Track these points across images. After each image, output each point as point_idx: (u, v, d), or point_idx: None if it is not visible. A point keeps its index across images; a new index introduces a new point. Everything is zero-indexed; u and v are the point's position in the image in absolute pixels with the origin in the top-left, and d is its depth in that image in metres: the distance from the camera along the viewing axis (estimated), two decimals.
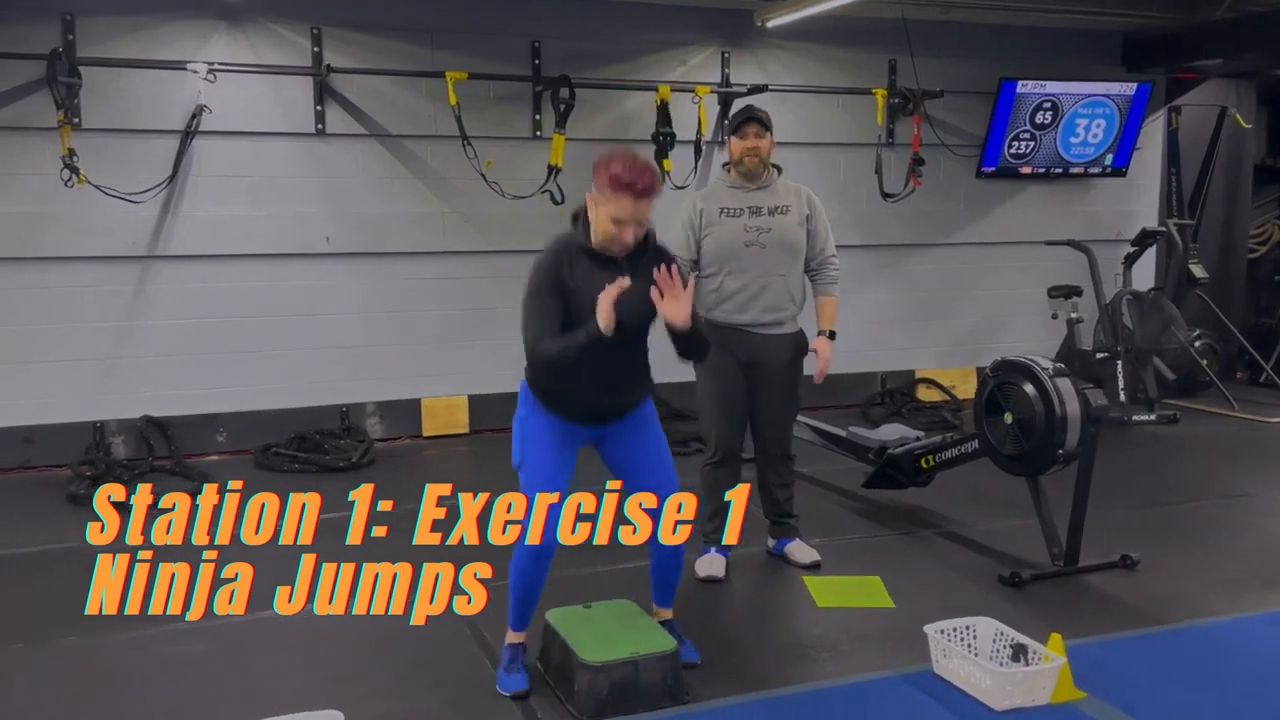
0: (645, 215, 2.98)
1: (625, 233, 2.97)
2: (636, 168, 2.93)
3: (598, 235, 3.02)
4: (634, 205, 2.93)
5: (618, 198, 2.92)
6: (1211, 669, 3.38)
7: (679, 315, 2.96)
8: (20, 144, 5.53)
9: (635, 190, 2.91)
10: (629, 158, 2.96)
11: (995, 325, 7.88)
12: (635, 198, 2.92)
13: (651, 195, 2.95)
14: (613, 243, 3.00)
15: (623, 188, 2.91)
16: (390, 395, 6.47)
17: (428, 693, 3.23)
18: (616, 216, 2.94)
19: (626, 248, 3.02)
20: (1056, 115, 7.51)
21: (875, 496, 5.18)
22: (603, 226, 2.99)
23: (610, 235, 2.98)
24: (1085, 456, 4.08)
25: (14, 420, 5.76)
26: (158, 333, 6.00)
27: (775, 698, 3.17)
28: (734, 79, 6.90)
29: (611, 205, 2.94)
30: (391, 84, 6.20)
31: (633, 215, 2.94)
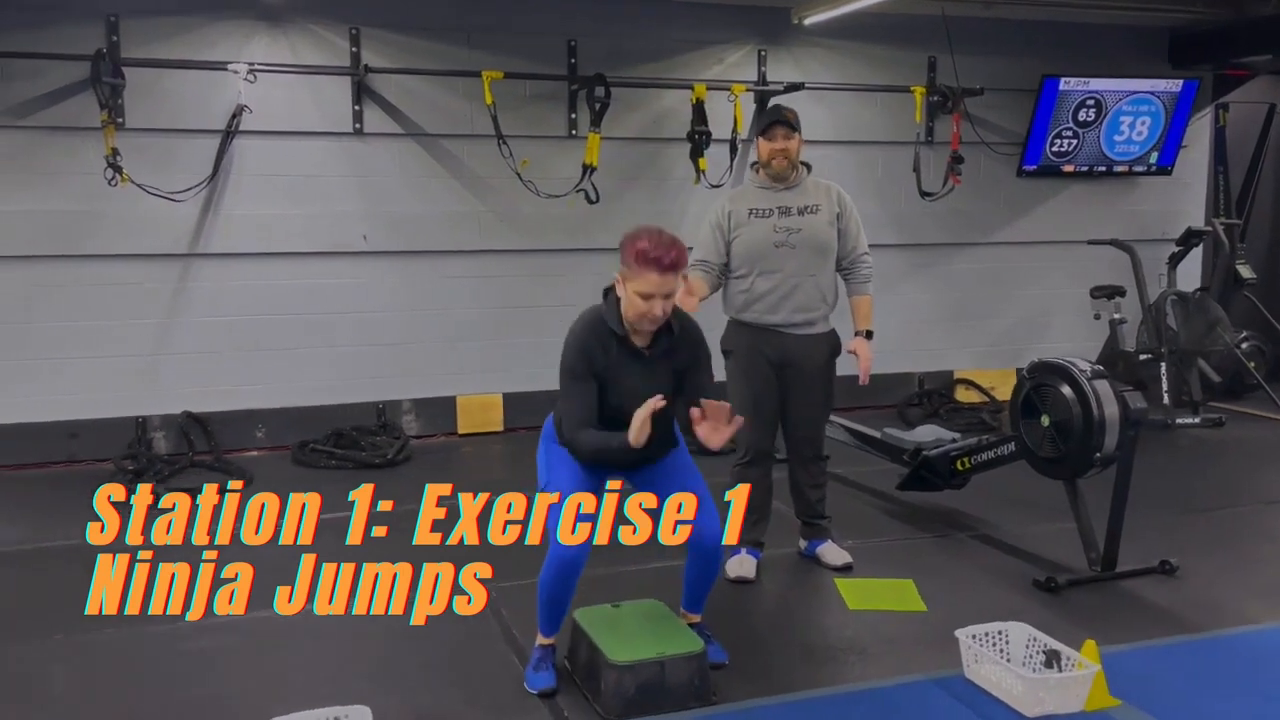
0: (672, 289, 3.03)
1: (654, 307, 3.01)
2: (663, 243, 2.98)
3: (627, 311, 3.07)
4: (660, 279, 2.97)
5: (645, 273, 2.97)
6: (1250, 677, 3.30)
7: (713, 444, 3.01)
8: (66, 144, 5.64)
9: (662, 265, 2.96)
10: (655, 233, 3.01)
11: (1036, 326, 7.78)
12: (661, 272, 2.97)
13: (679, 270, 3.01)
14: (641, 319, 3.05)
15: (649, 263, 2.96)
16: (426, 393, 6.51)
17: (454, 689, 3.25)
18: (643, 291, 2.99)
19: (656, 322, 3.06)
20: (1100, 113, 7.39)
21: (910, 498, 5.14)
22: (631, 302, 3.04)
23: (639, 311, 3.03)
24: (1124, 460, 4.02)
25: (60, 415, 5.86)
26: (199, 329, 6.08)
27: (803, 700, 3.15)
28: (771, 77, 6.86)
29: (640, 281, 2.99)
30: (428, 83, 6.24)
31: (659, 289, 2.99)
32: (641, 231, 3.03)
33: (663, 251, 2.96)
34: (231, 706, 3.14)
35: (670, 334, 3.15)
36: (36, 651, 3.54)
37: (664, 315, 3.04)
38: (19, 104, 5.57)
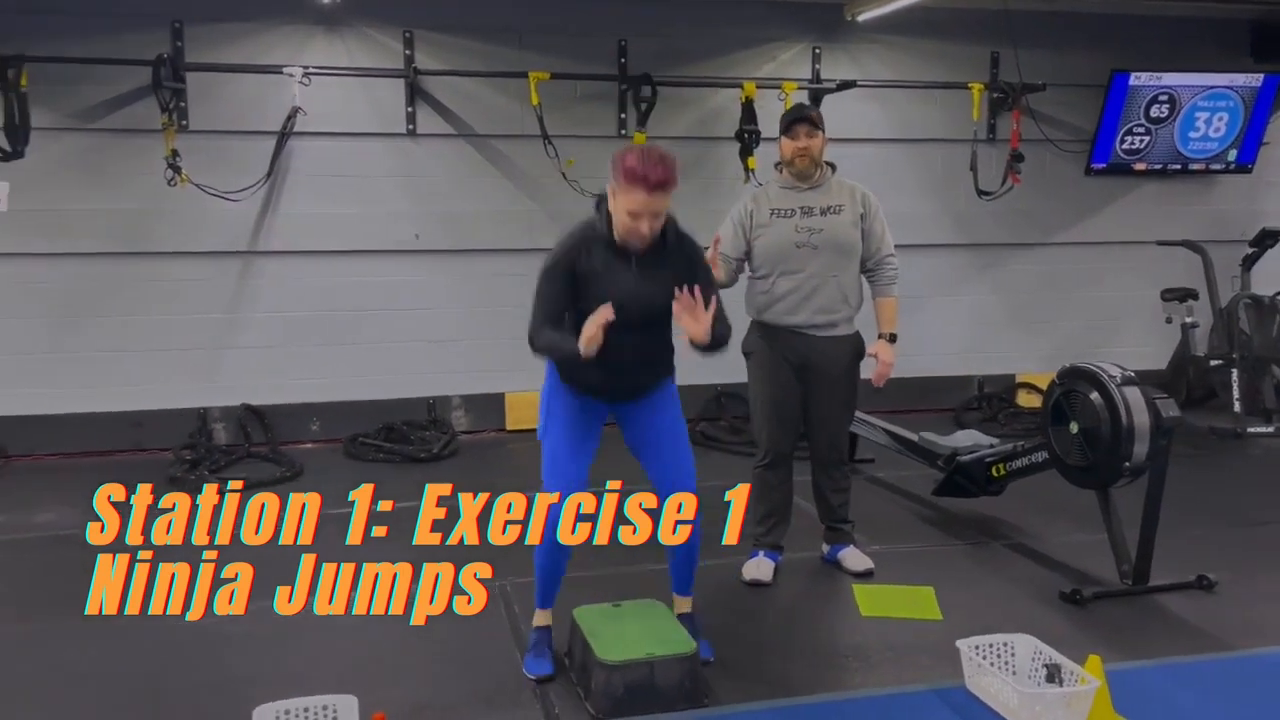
0: (660, 208, 2.99)
1: (641, 225, 2.98)
2: (650, 160, 2.94)
3: (616, 228, 3.05)
4: (648, 198, 2.94)
5: (632, 190, 2.94)
6: (1272, 700, 3.16)
7: (696, 334, 3.01)
8: (131, 146, 5.88)
9: (649, 183, 2.92)
10: (644, 150, 2.98)
11: (1104, 329, 7.53)
12: (649, 191, 2.93)
13: (666, 189, 2.96)
14: (630, 235, 3.02)
15: (636, 180, 2.92)
16: (475, 389, 6.62)
17: (454, 682, 3.30)
18: (631, 209, 2.96)
19: (645, 240, 3.04)
20: (1174, 109, 7.12)
21: (947, 505, 5.03)
22: (619, 219, 3.01)
23: (627, 228, 3.01)
24: (1156, 470, 3.87)
25: (125, 405, 6.13)
26: (257, 325, 6.29)
27: (794, 705, 3.12)
28: (825, 75, 6.78)
29: (626, 198, 2.96)
30: (480, 84, 6.33)
31: (647, 208, 2.96)
32: (632, 148, 3.00)
33: (650, 168, 2.91)
34: (234, 691, 3.23)
35: (665, 243, 3.10)
36: (74, 630, 3.71)
37: (651, 233, 3.01)
38: (88, 107, 5.83)
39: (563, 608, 3.42)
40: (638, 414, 3.27)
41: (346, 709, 2.81)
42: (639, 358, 3.17)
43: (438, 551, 4.48)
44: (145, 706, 3.18)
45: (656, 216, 3.00)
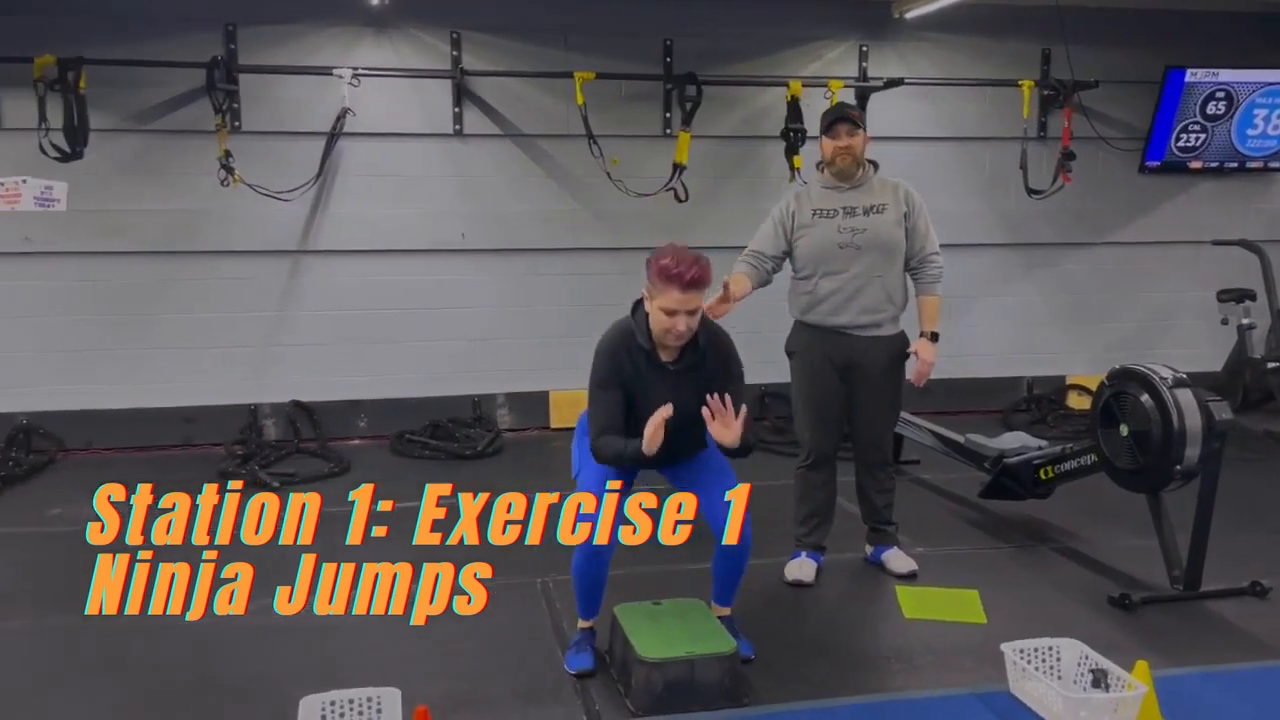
0: (695, 306, 3.08)
1: (678, 323, 3.07)
2: (685, 260, 3.04)
3: (653, 327, 3.14)
4: (683, 296, 3.04)
5: (667, 290, 3.04)
6: None
7: (726, 439, 3.10)
8: (186, 146, 6.00)
9: (683, 281, 3.02)
10: (678, 251, 3.08)
11: (1157, 330, 7.40)
12: (684, 289, 3.03)
13: (701, 286, 3.06)
14: (666, 334, 3.11)
15: (671, 279, 3.02)
16: (519, 387, 6.66)
17: (496, 676, 3.33)
18: (666, 307, 3.06)
19: (681, 338, 3.12)
20: (1231, 105, 6.97)
21: (994, 507, 4.98)
22: (656, 318, 3.11)
23: (663, 326, 3.10)
24: (1208, 474, 3.79)
25: (178, 401, 6.25)
26: (307, 323, 6.38)
27: (834, 706, 3.11)
28: (872, 73, 6.73)
29: (662, 297, 3.06)
30: (526, 85, 6.37)
31: (682, 305, 3.05)
32: (666, 249, 3.10)
33: (684, 268, 3.01)
34: (280, 683, 3.28)
35: (696, 348, 3.20)
36: (122, 621, 3.79)
37: (688, 331, 3.10)
38: (145, 109, 5.95)
39: (604, 605, 3.43)
40: (679, 466, 3.40)
41: (390, 701, 2.85)
42: (674, 449, 3.23)
43: (479, 549, 4.53)
44: (194, 698, 3.24)
45: (692, 314, 3.08)
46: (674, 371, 3.20)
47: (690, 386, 3.18)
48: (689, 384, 3.19)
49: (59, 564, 4.40)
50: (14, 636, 3.70)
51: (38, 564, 4.41)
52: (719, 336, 3.30)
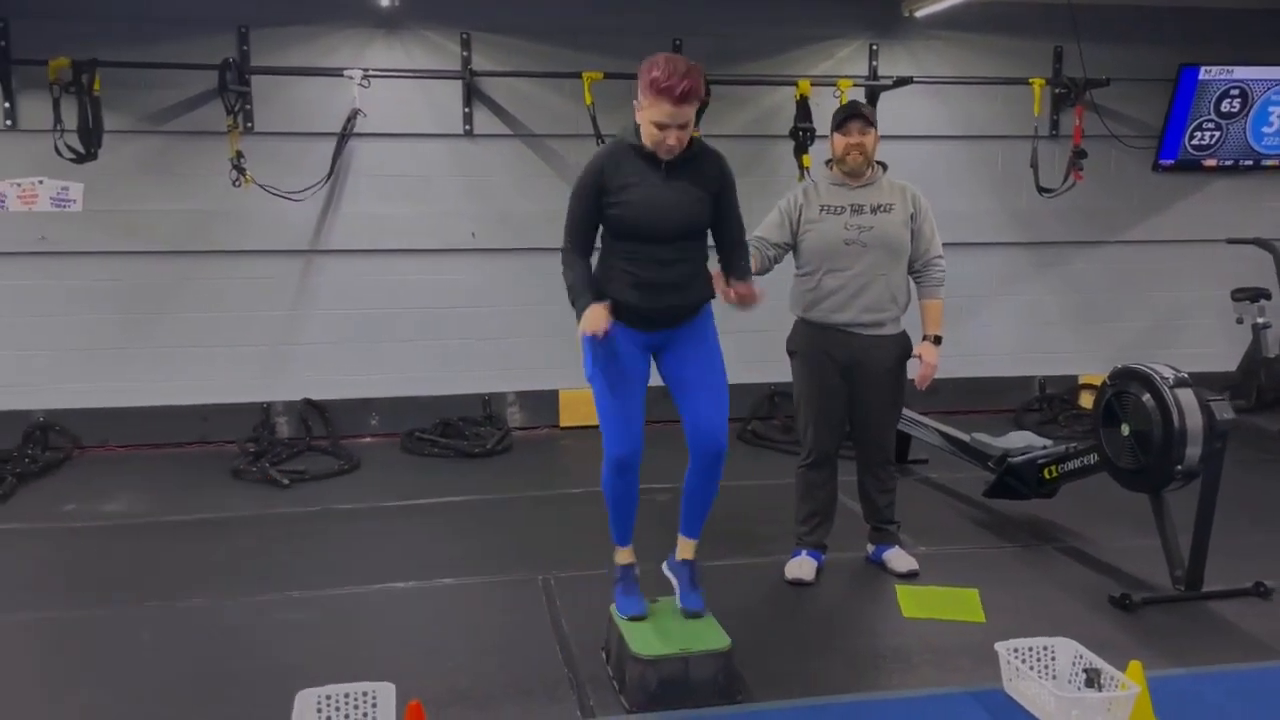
0: (687, 119, 3.01)
1: (668, 137, 3.02)
2: (676, 71, 2.95)
3: (645, 138, 3.08)
4: (674, 109, 2.97)
5: (658, 102, 2.97)
6: None
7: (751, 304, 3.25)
8: (199, 147, 6.06)
9: (674, 95, 2.94)
10: (670, 61, 3.00)
11: (1171, 329, 7.35)
12: (675, 102, 2.95)
13: (691, 100, 2.98)
14: (657, 147, 3.06)
15: (661, 92, 2.95)
16: (530, 385, 6.69)
17: (492, 672, 3.37)
18: (657, 120, 3.00)
19: (671, 152, 3.08)
20: (1246, 103, 6.91)
21: (999, 507, 4.96)
22: (646, 130, 3.05)
23: (655, 140, 3.04)
24: (1210, 474, 3.78)
25: (193, 399, 6.31)
26: (320, 321, 6.44)
27: (829, 704, 3.12)
28: (882, 71, 6.72)
29: (653, 109, 3.00)
30: (535, 85, 6.40)
31: (673, 119, 2.99)
32: (659, 59, 3.02)
33: (676, 80, 2.93)
34: (278, 676, 3.31)
35: (691, 152, 3.14)
36: (132, 615, 3.85)
37: (678, 144, 3.05)
38: (159, 110, 6.02)
39: (598, 606, 3.45)
40: (676, 347, 3.28)
41: (385, 696, 2.88)
42: (673, 275, 3.18)
43: (482, 545, 4.57)
44: (193, 690, 3.30)
45: (683, 128, 3.02)
46: (667, 165, 3.11)
47: (686, 184, 3.12)
48: (684, 181, 3.12)
49: (71, 559, 4.47)
50: (24, 629, 3.77)
51: (50, 559, 4.48)
52: (715, 151, 3.25)
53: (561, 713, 3.12)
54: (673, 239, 3.14)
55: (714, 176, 3.20)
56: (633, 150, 3.12)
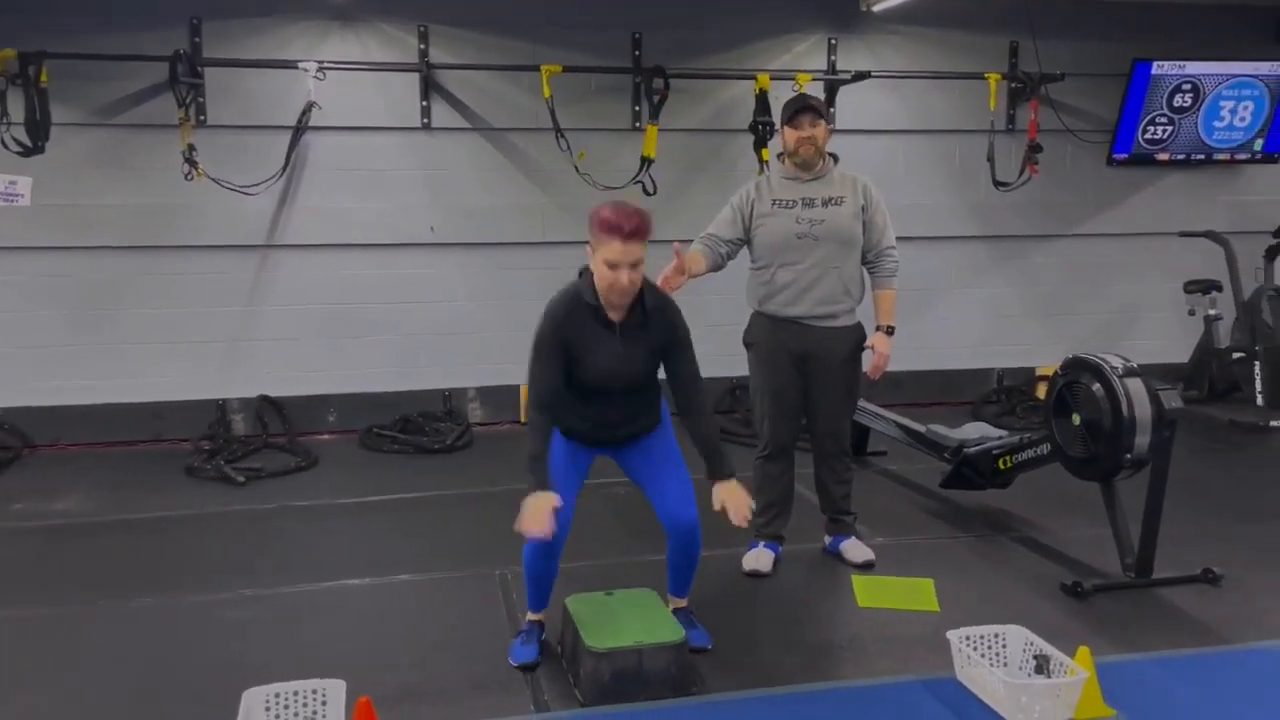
0: (637, 258, 3.08)
1: (620, 276, 3.08)
2: (624, 212, 3.06)
3: (598, 283, 3.15)
4: (623, 247, 3.04)
5: (608, 241, 3.06)
6: (1266, 695, 3.12)
7: (737, 521, 3.15)
8: (150, 140, 5.97)
9: (623, 233, 3.03)
10: (618, 204, 3.12)
11: (1125, 321, 7.44)
12: (624, 240, 3.03)
13: (641, 238, 3.06)
14: (610, 289, 3.11)
15: (611, 230, 3.04)
16: (491, 381, 6.66)
17: (445, 667, 3.34)
18: (609, 259, 3.07)
19: (625, 294, 3.13)
20: (1198, 98, 7.01)
21: (955, 497, 5.00)
22: (599, 272, 3.12)
23: (607, 280, 3.10)
24: (1159, 462, 3.82)
25: (146, 396, 6.22)
26: (276, 317, 6.37)
27: (783, 695, 3.13)
28: (841, 65, 6.74)
29: (604, 249, 3.08)
30: (494, 78, 6.37)
31: (623, 258, 3.05)
32: (605, 203, 3.13)
33: (624, 219, 3.03)
34: (227, 674, 3.26)
35: (643, 309, 3.20)
36: (80, 615, 3.79)
37: (631, 286, 3.10)
38: (108, 103, 5.93)
39: (555, 601, 3.45)
40: (630, 453, 3.41)
41: (335, 693, 2.85)
42: (624, 415, 3.32)
43: (440, 541, 4.54)
44: (141, 690, 3.25)
45: (634, 267, 3.08)
46: (621, 329, 3.20)
47: (638, 346, 3.21)
48: (637, 343, 3.21)
49: (20, 559, 4.40)
50: None
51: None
52: (665, 299, 3.32)
53: (515, 706, 3.11)
54: (621, 392, 3.25)
55: (663, 333, 3.26)
56: (589, 311, 3.18)
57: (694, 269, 3.91)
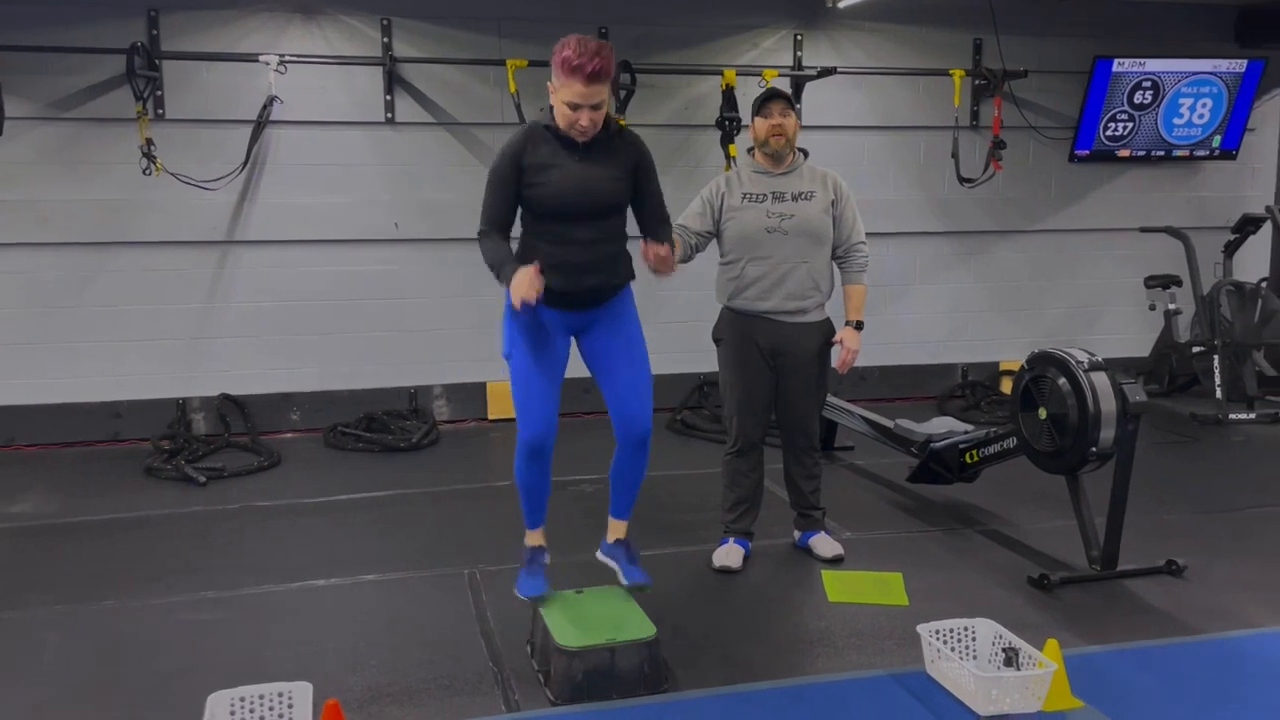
0: (599, 98, 2.99)
1: (581, 117, 2.99)
2: (587, 50, 2.94)
3: (558, 120, 3.06)
4: (585, 89, 2.95)
5: (570, 82, 2.96)
6: (1230, 684, 3.15)
7: (662, 271, 3.18)
8: (108, 134, 5.86)
9: (585, 73, 2.93)
10: (581, 41, 2.98)
11: (1088, 316, 7.53)
12: (586, 81, 2.94)
13: (603, 79, 2.96)
14: (570, 128, 3.03)
15: (573, 71, 2.94)
16: (456, 378, 6.61)
17: (414, 668, 3.30)
18: (569, 100, 2.98)
19: (585, 133, 3.05)
20: (1158, 95, 7.09)
21: (924, 492, 5.03)
22: (560, 111, 3.03)
23: (568, 120, 3.01)
24: (1123, 455, 3.86)
25: (105, 395, 6.11)
26: (237, 315, 6.27)
27: (754, 691, 3.12)
28: (807, 61, 6.76)
29: (565, 90, 2.98)
30: (459, 72, 6.31)
31: (585, 99, 2.96)
32: (570, 39, 2.99)
33: (586, 59, 2.92)
34: (191, 678, 3.22)
35: (608, 134, 3.12)
36: (39, 618, 3.71)
37: (591, 125, 3.02)
38: (64, 97, 5.81)
39: (525, 600, 3.40)
40: (597, 329, 3.28)
41: (301, 696, 2.81)
42: (594, 255, 3.18)
43: (407, 540, 4.50)
44: (101, 695, 3.18)
45: (596, 108, 3.00)
46: (586, 149, 3.09)
47: (603, 166, 3.11)
48: (601, 163, 3.11)
49: None
50: None
51: None
52: (630, 132, 3.23)
53: (486, 707, 3.07)
54: (591, 218, 3.12)
55: (631, 156, 3.18)
56: (549, 132, 3.10)
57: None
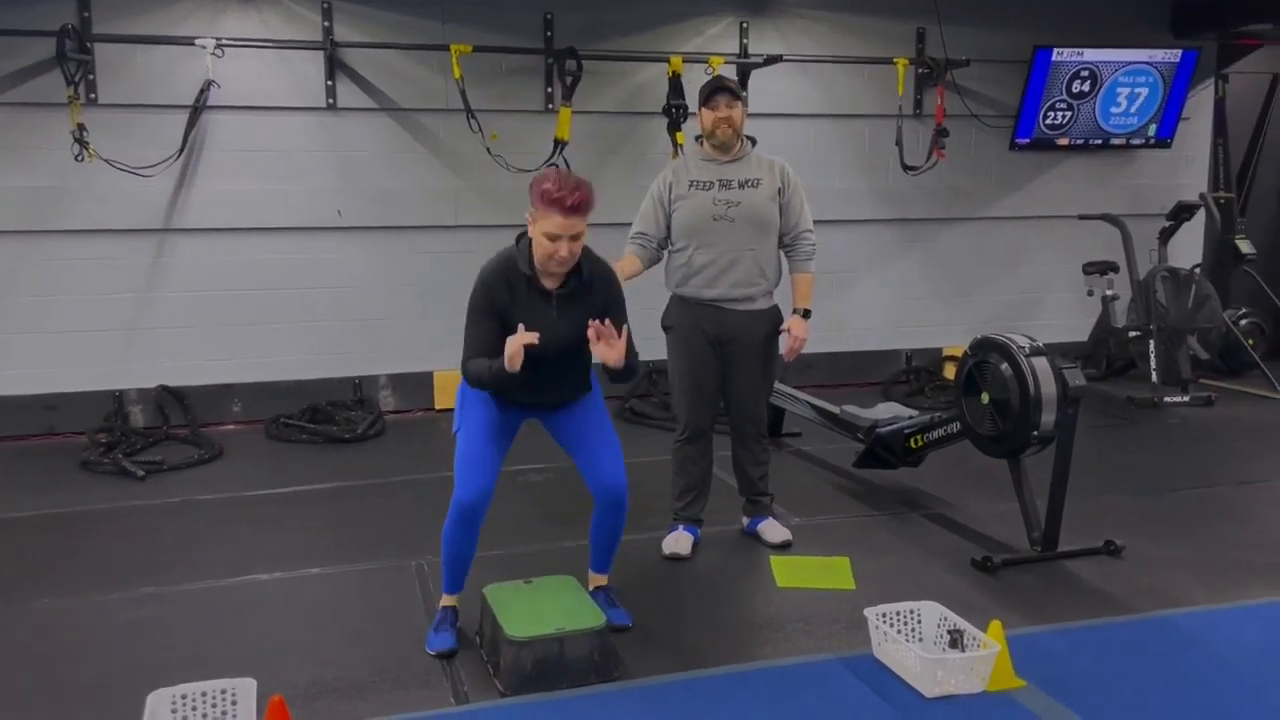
0: (578, 231, 3.06)
1: (560, 249, 3.05)
2: (567, 185, 3.02)
3: (536, 253, 3.10)
4: (565, 220, 3.01)
5: (549, 214, 3.02)
6: (1170, 662, 3.23)
7: (610, 359, 3.14)
8: (36, 120, 5.70)
9: (564, 206, 3.00)
10: (561, 175, 3.08)
11: (1028, 302, 7.65)
12: (565, 213, 3.01)
13: (582, 212, 3.04)
14: (549, 260, 3.08)
15: (552, 204, 3.00)
16: (402, 368, 6.54)
17: (361, 662, 3.26)
18: (549, 232, 3.04)
19: (564, 264, 3.10)
20: (1095, 84, 7.22)
21: (870, 477, 5.08)
22: (539, 243, 3.08)
23: (546, 251, 3.06)
24: (1063, 438, 3.93)
25: (38, 388, 5.95)
26: (175, 304, 6.14)
27: (703, 677, 3.13)
28: (753, 49, 6.77)
29: (545, 221, 3.04)
30: (402, 58, 6.23)
31: (564, 230, 3.03)
32: (549, 173, 3.10)
33: (566, 193, 3.00)
34: (130, 676, 3.14)
35: (580, 276, 3.18)
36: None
37: (570, 257, 3.08)
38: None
39: (474, 585, 3.40)
40: (560, 419, 3.37)
41: (245, 692, 2.76)
42: (555, 382, 3.28)
43: (352, 532, 4.44)
44: (40, 695, 3.09)
45: (575, 240, 3.06)
46: (557, 298, 3.17)
47: (573, 314, 3.16)
48: (572, 312, 3.17)
49: None
50: None
51: None
52: (602, 266, 3.29)
53: (434, 699, 3.05)
54: (555, 360, 3.18)
55: (600, 298, 3.23)
56: (523, 279, 3.15)
57: (630, 270, 3.97)
